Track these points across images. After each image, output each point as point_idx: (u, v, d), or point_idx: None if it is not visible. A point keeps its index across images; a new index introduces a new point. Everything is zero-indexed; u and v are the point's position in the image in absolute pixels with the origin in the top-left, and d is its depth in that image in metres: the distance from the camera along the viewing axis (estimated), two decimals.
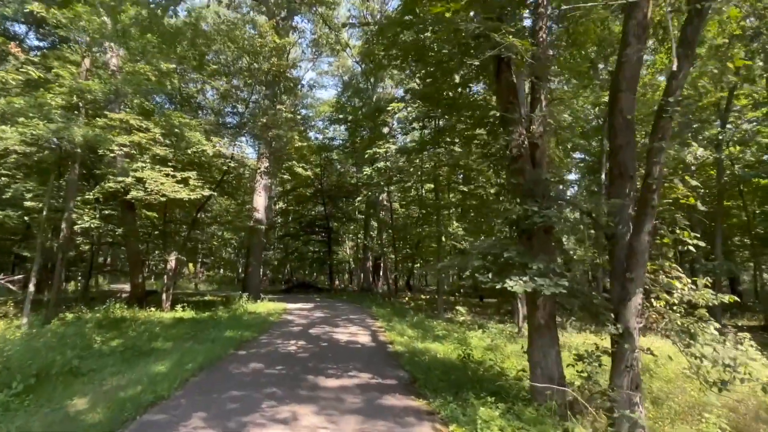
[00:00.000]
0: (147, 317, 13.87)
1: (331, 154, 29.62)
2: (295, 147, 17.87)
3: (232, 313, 15.36)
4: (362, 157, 22.73)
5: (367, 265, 31.98)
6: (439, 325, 14.06)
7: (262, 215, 21.01)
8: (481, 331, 13.31)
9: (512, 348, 11.06)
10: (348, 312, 16.97)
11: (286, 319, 14.31)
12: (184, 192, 13.76)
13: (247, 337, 10.44)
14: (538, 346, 5.57)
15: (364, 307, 18.97)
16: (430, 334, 11.88)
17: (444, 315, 17.29)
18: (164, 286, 16.91)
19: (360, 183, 29.12)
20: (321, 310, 17.65)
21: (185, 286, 38.90)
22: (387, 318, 14.76)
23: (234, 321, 13.32)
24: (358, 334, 11.35)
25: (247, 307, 17.00)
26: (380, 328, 12.51)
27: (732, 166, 19.58)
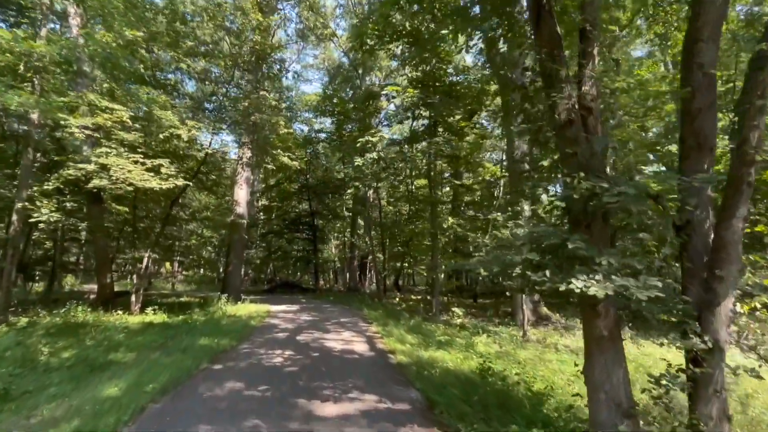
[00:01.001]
0: (112, 322, 12.32)
1: (317, 147, 28.14)
2: (280, 134, 16.41)
3: (210, 317, 13.87)
4: (351, 150, 21.38)
5: (353, 265, 30.63)
6: (438, 329, 12.85)
7: (243, 210, 19.49)
8: (485, 336, 12.14)
9: (524, 355, 9.90)
10: (338, 314, 15.61)
11: (269, 324, 12.89)
12: (154, 181, 12.24)
13: (225, 346, 9.01)
14: (599, 364, 4.32)
15: (354, 309, 17.62)
16: (432, 341, 10.63)
17: (440, 317, 16.08)
18: (134, 287, 15.31)
19: (347, 178, 27.69)
20: (308, 312, 16.25)
21: (161, 286, 36.98)
22: (381, 321, 13.46)
23: (211, 326, 11.86)
24: (353, 341, 10.01)
25: (226, 309, 15.51)
26: (376, 334, 11.20)
27: None
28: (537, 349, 10.90)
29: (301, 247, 33.78)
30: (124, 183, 11.83)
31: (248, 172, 19.57)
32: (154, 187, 12.14)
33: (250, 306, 17.53)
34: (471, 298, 25.48)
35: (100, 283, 16.84)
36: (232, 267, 19.16)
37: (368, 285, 36.47)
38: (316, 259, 29.90)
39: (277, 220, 32.42)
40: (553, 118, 4.96)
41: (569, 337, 13.62)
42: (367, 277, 37.02)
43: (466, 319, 16.88)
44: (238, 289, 19.45)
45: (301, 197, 31.35)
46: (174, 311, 15.44)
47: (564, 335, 13.75)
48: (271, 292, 29.94)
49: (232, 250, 19.46)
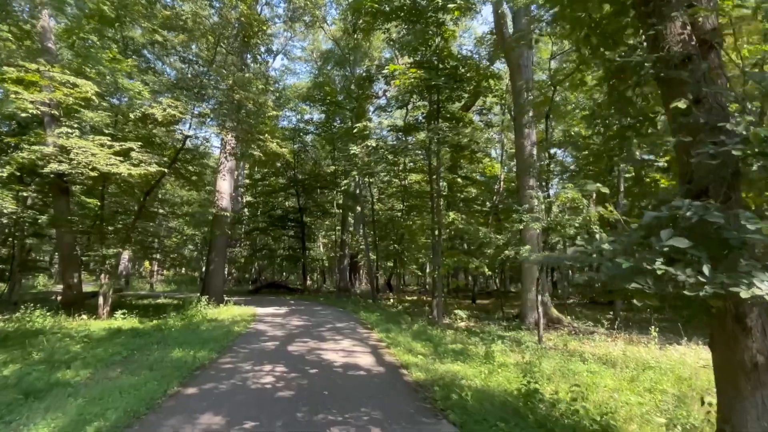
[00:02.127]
0: (74, 328, 10.67)
1: (305, 139, 26.59)
2: (268, 119, 14.81)
3: (188, 321, 12.29)
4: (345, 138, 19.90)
5: (344, 264, 29.09)
6: (445, 335, 11.46)
7: (226, 203, 17.86)
8: (500, 343, 10.79)
9: (547, 365, 8.56)
10: (332, 318, 14.12)
11: (255, 330, 11.34)
12: (123, 166, 10.61)
13: (203, 360, 7.48)
14: (752, 405, 2.96)
15: (349, 312, 16.15)
16: (444, 350, 9.25)
17: (442, 320, 14.70)
18: (101, 288, 13.61)
19: (339, 170, 26.20)
20: (298, 315, 14.73)
21: (140, 286, 35.00)
22: (381, 326, 12.02)
23: (188, 333, 10.29)
24: (356, 351, 8.54)
25: (206, 312, 13.91)
26: (380, 343, 9.75)
27: None
28: (560, 358, 9.56)
29: (288, 245, 32.17)
30: (87, 167, 10.18)
31: (232, 162, 17.95)
32: (122, 172, 10.51)
33: (234, 308, 15.95)
34: (469, 299, 24.21)
35: (66, 284, 15.08)
36: (213, 266, 17.52)
37: (358, 285, 35.01)
38: (304, 258, 28.32)
39: (262, 216, 30.73)
40: (658, 58, 3.56)
41: (587, 343, 12.40)
42: (357, 276, 35.57)
43: (471, 323, 15.56)
44: (221, 289, 17.82)
45: (289, 193, 29.73)
46: (148, 315, 13.80)
47: (581, 340, 12.52)
48: (256, 293, 28.28)
49: (214, 247, 17.81)
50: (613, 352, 10.45)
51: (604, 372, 8.21)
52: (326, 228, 38.09)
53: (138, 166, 11.09)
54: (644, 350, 10.76)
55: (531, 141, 14.86)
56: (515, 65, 14.06)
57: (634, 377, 7.85)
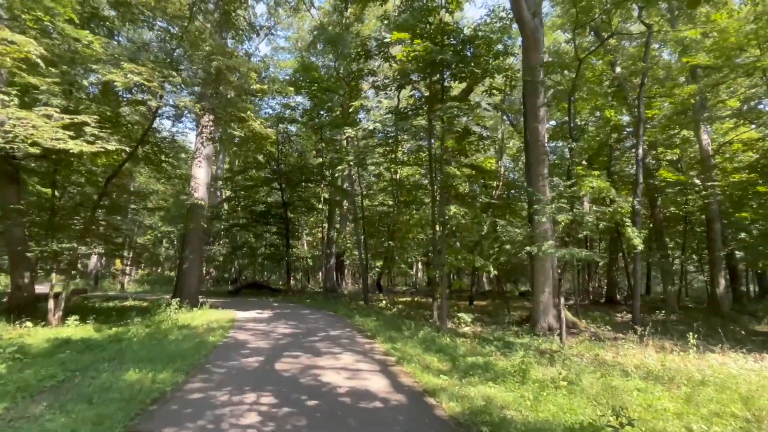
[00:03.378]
0: (11, 339, 8.74)
1: (290, 128, 24.68)
2: (252, 94, 12.94)
3: (154, 329, 10.40)
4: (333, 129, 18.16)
5: (330, 263, 27.29)
6: (457, 344, 9.87)
7: (203, 194, 15.93)
8: (521, 352, 9.24)
9: (588, 382, 7.03)
10: (324, 324, 12.36)
11: (235, 340, 9.53)
12: (72, 142, 8.70)
13: (164, 386, 5.68)
14: None
15: (341, 316, 14.41)
16: (465, 364, 7.66)
17: (446, 324, 13.09)
18: (52, 289, 11.60)
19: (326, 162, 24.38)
20: (284, 321, 12.92)
21: (110, 287, 32.56)
22: (383, 334, 10.33)
23: (152, 344, 8.45)
24: (362, 370, 6.82)
25: (177, 318, 12.02)
26: (388, 356, 8.05)
27: None
28: (595, 371, 8.02)
29: (271, 242, 30.24)
30: (25, 142, 8.24)
31: (209, 148, 16.02)
32: (71, 149, 8.59)
33: (210, 313, 14.05)
34: (465, 300, 22.67)
35: (15, 284, 13.04)
36: (188, 264, 15.55)
37: (345, 285, 33.28)
38: (288, 256, 26.39)
39: (243, 211, 28.69)
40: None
41: (612, 350, 11.00)
42: (343, 276, 33.81)
43: (477, 327, 14.01)
44: (196, 291, 15.88)
45: (272, 187, 27.76)
46: (109, 321, 11.87)
47: (605, 347, 11.10)
48: (236, 294, 26.26)
49: (189, 242, 15.84)
50: (649, 362, 9.03)
51: (655, 390, 6.77)
52: (311, 225, 36.19)
53: (93, 143, 9.17)
54: (678, 358, 9.44)
55: (544, 126, 13.40)
56: (531, 39, 12.53)
57: (689, 396, 6.45)
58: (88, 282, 31.56)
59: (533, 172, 13.44)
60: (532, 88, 12.87)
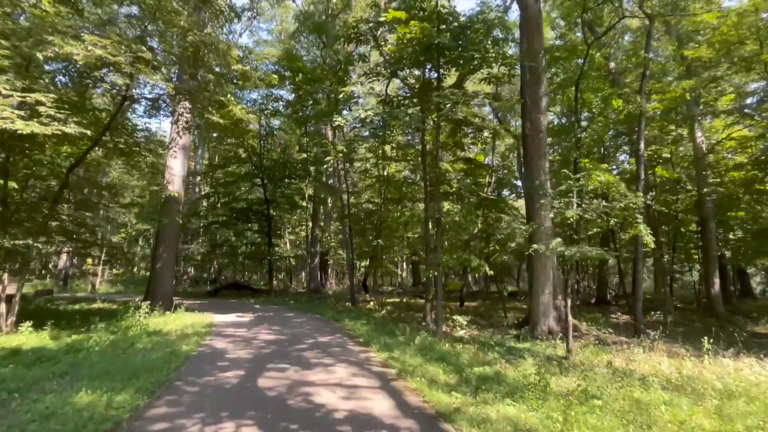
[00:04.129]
0: None
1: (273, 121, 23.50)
2: (238, 75, 11.77)
3: (120, 336, 9.28)
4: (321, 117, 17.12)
5: (315, 262, 26.20)
6: (459, 351, 9.04)
7: (178, 186, 14.72)
8: (530, 361, 8.45)
9: (609, 395, 6.27)
10: (310, 328, 11.35)
11: (211, 349, 8.46)
12: (19, 122, 7.54)
13: (121, 411, 4.65)
14: None
15: (329, 319, 13.41)
16: (473, 375, 6.81)
17: (436, 327, 12.18)
18: (3, 290, 10.32)
19: (311, 157, 23.34)
20: (267, 325, 11.86)
21: (81, 288, 30.82)
22: (377, 341, 9.40)
23: (114, 355, 7.38)
24: (360, 387, 5.86)
25: (148, 323, 10.87)
26: (387, 368, 7.11)
27: None
28: (612, 380, 7.24)
29: (252, 240, 29.02)
30: None
31: (186, 138, 14.81)
32: (19, 129, 7.42)
33: (186, 316, 12.90)
34: (455, 300, 21.84)
35: None
36: (161, 263, 14.34)
37: (329, 285, 32.22)
38: (270, 255, 25.21)
39: (223, 208, 27.36)
40: None
41: (620, 355, 10.32)
42: (326, 276, 32.72)
43: (474, 331, 13.19)
44: (170, 292, 14.67)
45: (253, 183, 26.53)
46: (71, 326, 10.67)
47: (612, 352, 10.40)
48: (215, 295, 24.98)
49: (163, 240, 14.62)
50: (664, 369, 8.34)
51: (682, 403, 6.05)
52: (294, 223, 34.98)
53: (48, 125, 8.01)
54: (691, 364, 8.78)
55: (546, 117, 12.67)
56: (534, 23, 11.76)
57: (720, 409, 5.76)
58: (57, 282, 29.83)
59: (533, 166, 12.68)
60: (533, 77, 12.10)
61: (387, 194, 20.37)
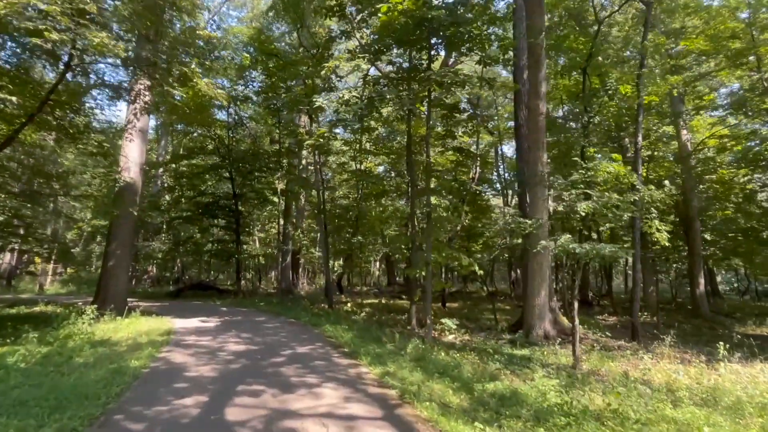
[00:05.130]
0: None
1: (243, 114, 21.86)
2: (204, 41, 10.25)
3: (56, 347, 7.72)
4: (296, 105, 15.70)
5: (287, 261, 24.67)
6: (459, 362, 7.94)
7: (135, 175, 13.03)
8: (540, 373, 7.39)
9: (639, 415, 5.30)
10: (286, 335, 9.96)
11: (167, 364, 6.99)
12: None
13: None
14: None
15: (306, 324, 12.03)
16: (486, 392, 5.71)
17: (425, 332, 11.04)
18: None
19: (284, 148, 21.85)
20: (236, 332, 10.39)
21: (26, 288, 28.21)
22: (364, 350, 8.15)
23: (43, 374, 5.88)
24: (358, 418, 4.58)
25: (94, 330, 9.27)
26: (384, 387, 5.86)
27: None
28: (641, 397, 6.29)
29: (218, 237, 27.26)
30: None
31: (144, 121, 13.14)
32: None
33: (141, 321, 11.28)
34: (439, 301, 20.79)
35: None
36: (114, 261, 12.62)
37: (302, 286, 30.73)
38: (238, 253, 23.52)
39: (188, 203, 25.46)
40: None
41: (622, 361, 9.55)
42: (299, 276, 31.20)
43: (465, 336, 12.13)
44: (123, 294, 12.96)
45: (220, 175, 24.76)
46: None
47: (617, 359, 9.59)
48: (177, 296, 23.13)
49: (116, 235, 12.89)
50: (681, 378, 7.49)
51: (720, 421, 5.17)
52: (264, 220, 33.24)
53: None
54: (706, 372, 8.04)
55: (545, 104, 11.73)
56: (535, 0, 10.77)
57: (765, 428, 4.93)
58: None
59: (531, 157, 11.71)
60: (533, 59, 11.12)
61: (364, 189, 19.15)
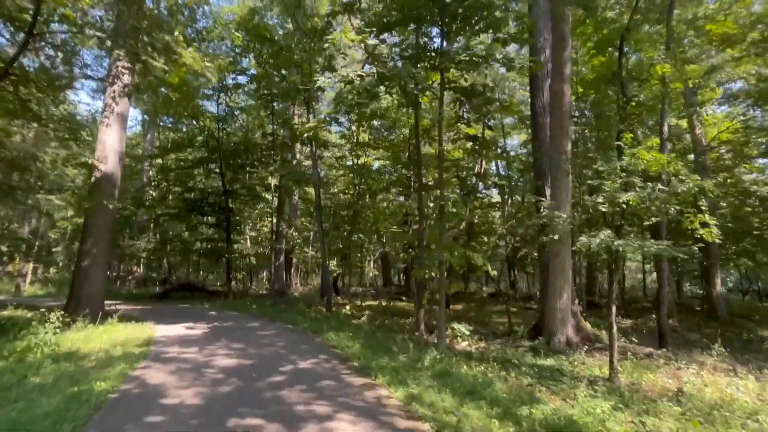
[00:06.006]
0: None
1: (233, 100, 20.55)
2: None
3: (12, 362, 6.46)
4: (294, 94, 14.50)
5: (280, 260, 23.38)
6: (489, 375, 6.83)
7: (113, 165, 11.69)
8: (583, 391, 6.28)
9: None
10: (284, 345, 8.73)
11: (141, 386, 5.72)
12: None
13: None
14: None
15: (305, 331, 10.78)
16: (538, 424, 4.58)
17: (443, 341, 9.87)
18: None
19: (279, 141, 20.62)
20: (226, 341, 9.13)
21: (2, 288, 26.60)
22: (377, 364, 6.98)
23: None
24: None
25: (60, 340, 7.98)
26: (413, 418, 4.67)
27: None
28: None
29: (207, 236, 25.91)
30: None
31: (124, 105, 11.82)
32: None
33: (119, 329, 9.96)
34: None
35: None
36: (88, 260, 11.28)
37: (295, 287, 29.45)
38: (229, 253, 22.20)
39: (175, 199, 24.06)
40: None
41: (661, 372, 8.53)
42: (291, 276, 29.92)
43: (481, 343, 10.99)
44: (99, 296, 11.62)
45: (210, 170, 23.41)
46: None
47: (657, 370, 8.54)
48: (164, 298, 21.76)
49: (90, 231, 11.53)
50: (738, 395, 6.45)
51: None
52: (255, 218, 31.90)
53: None
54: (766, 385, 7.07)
55: (570, 87, 10.65)
56: None
57: None
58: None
59: (553, 146, 10.62)
60: (558, 35, 10.03)
61: (362, 184, 17.98)
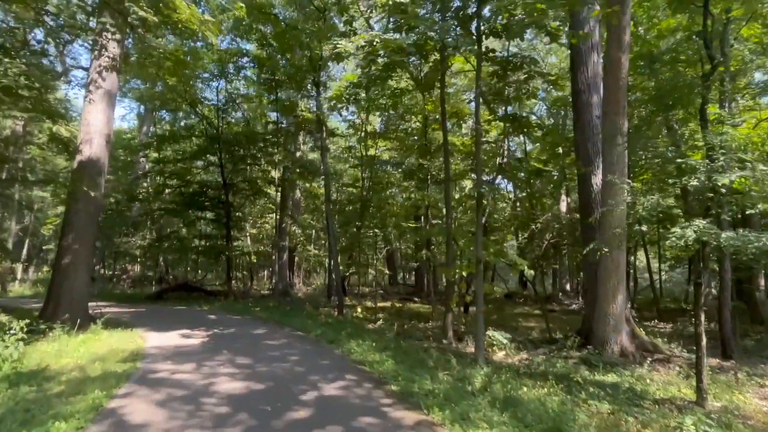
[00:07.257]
0: None
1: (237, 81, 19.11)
2: None
3: None
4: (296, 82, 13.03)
5: (283, 259, 21.92)
6: (569, 404, 5.38)
7: (99, 149, 10.17)
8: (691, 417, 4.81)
9: None
10: (300, 360, 7.24)
11: (117, 428, 4.26)
12: None
13: None
14: None
15: (320, 340, 9.28)
16: None
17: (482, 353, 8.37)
18: None
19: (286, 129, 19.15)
20: (229, 353, 7.63)
21: None
22: (419, 387, 5.54)
23: None
24: None
25: (26, 353, 6.50)
26: None
27: None
28: None
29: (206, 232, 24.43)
30: None
31: (112, 80, 10.29)
32: None
33: (102, 338, 8.47)
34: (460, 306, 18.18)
35: None
36: (70, 257, 9.78)
37: (299, 286, 28.05)
38: (229, 251, 20.70)
39: (171, 193, 22.57)
40: None
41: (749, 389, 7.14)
42: (294, 275, 28.51)
43: (523, 354, 9.53)
44: (83, 298, 10.08)
45: (209, 161, 21.91)
46: None
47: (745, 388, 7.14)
48: (159, 298, 20.24)
49: (72, 225, 10.00)
50: None
51: None
52: (256, 214, 30.40)
53: None
54: None
55: (627, 58, 9.19)
56: None
57: None
58: None
59: (608, 124, 9.15)
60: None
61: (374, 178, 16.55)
